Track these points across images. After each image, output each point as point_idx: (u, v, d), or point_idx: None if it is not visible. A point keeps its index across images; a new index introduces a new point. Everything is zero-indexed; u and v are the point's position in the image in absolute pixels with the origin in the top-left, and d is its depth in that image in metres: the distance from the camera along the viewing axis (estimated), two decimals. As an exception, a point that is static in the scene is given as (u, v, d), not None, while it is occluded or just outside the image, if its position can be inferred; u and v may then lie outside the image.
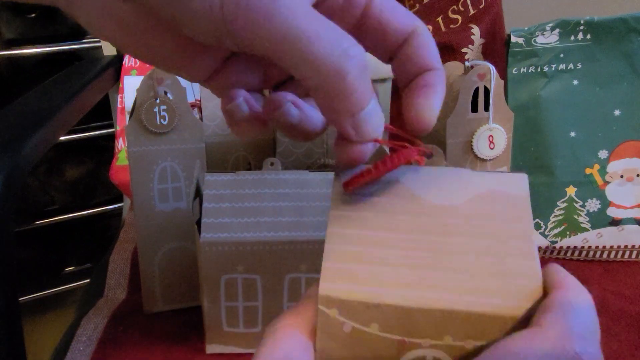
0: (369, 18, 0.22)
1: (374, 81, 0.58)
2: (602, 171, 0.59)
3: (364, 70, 0.20)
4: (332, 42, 0.19)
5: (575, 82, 0.58)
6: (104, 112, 0.87)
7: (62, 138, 1.05)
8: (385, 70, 0.58)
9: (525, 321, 0.19)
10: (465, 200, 0.23)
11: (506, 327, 0.19)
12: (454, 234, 0.22)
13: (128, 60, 0.79)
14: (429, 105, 0.22)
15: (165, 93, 0.47)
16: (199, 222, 0.42)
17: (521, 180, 0.23)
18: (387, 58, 0.24)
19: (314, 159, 0.51)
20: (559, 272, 0.21)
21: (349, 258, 0.21)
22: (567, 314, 0.19)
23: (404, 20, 0.22)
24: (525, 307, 0.20)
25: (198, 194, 0.44)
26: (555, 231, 0.60)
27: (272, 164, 0.44)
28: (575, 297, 0.20)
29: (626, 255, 0.60)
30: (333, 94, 0.20)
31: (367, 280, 0.20)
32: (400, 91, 0.24)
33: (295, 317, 0.21)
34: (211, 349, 0.44)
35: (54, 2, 0.20)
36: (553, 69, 0.58)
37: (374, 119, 0.21)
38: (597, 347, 0.19)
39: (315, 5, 0.20)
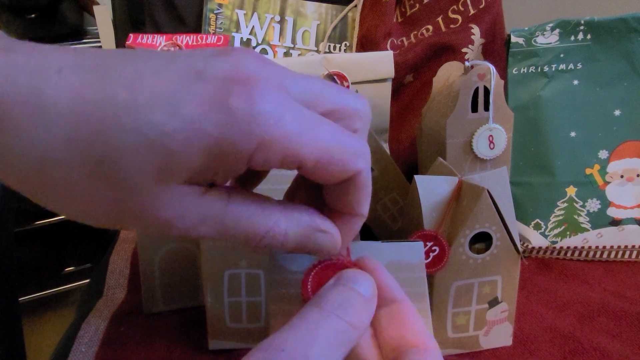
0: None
1: (374, 81, 0.58)
2: (602, 171, 0.59)
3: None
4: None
5: (576, 82, 0.58)
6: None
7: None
8: (385, 70, 0.58)
9: None
10: None
11: None
12: None
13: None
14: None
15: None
16: None
17: (417, 249, 0.27)
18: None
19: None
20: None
21: None
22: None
23: (340, 173, 0.21)
24: None
25: None
26: (556, 231, 0.60)
27: None
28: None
29: (626, 256, 0.60)
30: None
31: None
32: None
33: None
34: (214, 344, 0.44)
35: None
36: (553, 69, 0.58)
37: None
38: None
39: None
